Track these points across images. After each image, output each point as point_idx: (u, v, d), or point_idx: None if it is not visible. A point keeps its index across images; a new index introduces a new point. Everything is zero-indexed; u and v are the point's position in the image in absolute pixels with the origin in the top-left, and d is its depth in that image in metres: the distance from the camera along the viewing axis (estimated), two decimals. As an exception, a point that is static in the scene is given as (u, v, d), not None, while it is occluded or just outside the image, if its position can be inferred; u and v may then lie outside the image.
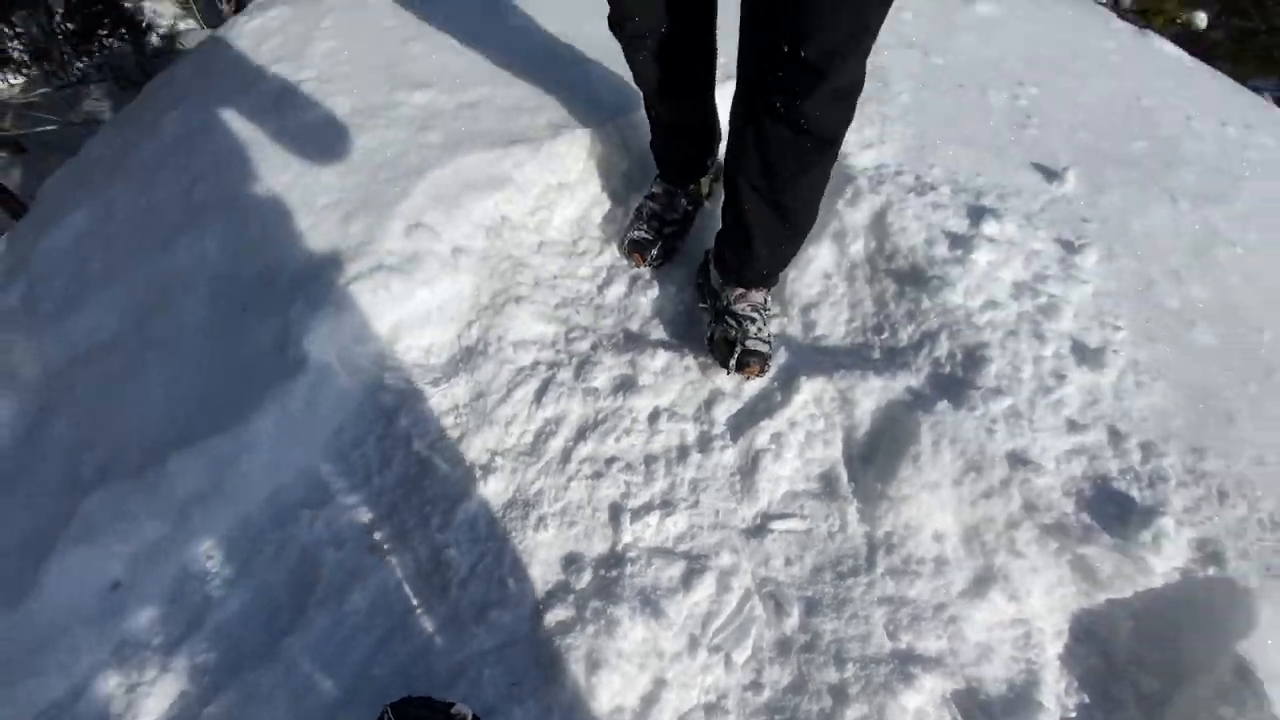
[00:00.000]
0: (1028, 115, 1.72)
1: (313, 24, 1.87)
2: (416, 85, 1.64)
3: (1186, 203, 1.56)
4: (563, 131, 1.57)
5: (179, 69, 1.97)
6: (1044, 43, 2.01)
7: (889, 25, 1.93)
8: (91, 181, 1.63)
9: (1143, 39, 2.27)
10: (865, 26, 0.86)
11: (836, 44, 0.86)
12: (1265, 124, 1.99)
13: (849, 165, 1.52)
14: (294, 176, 1.44)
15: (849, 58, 0.89)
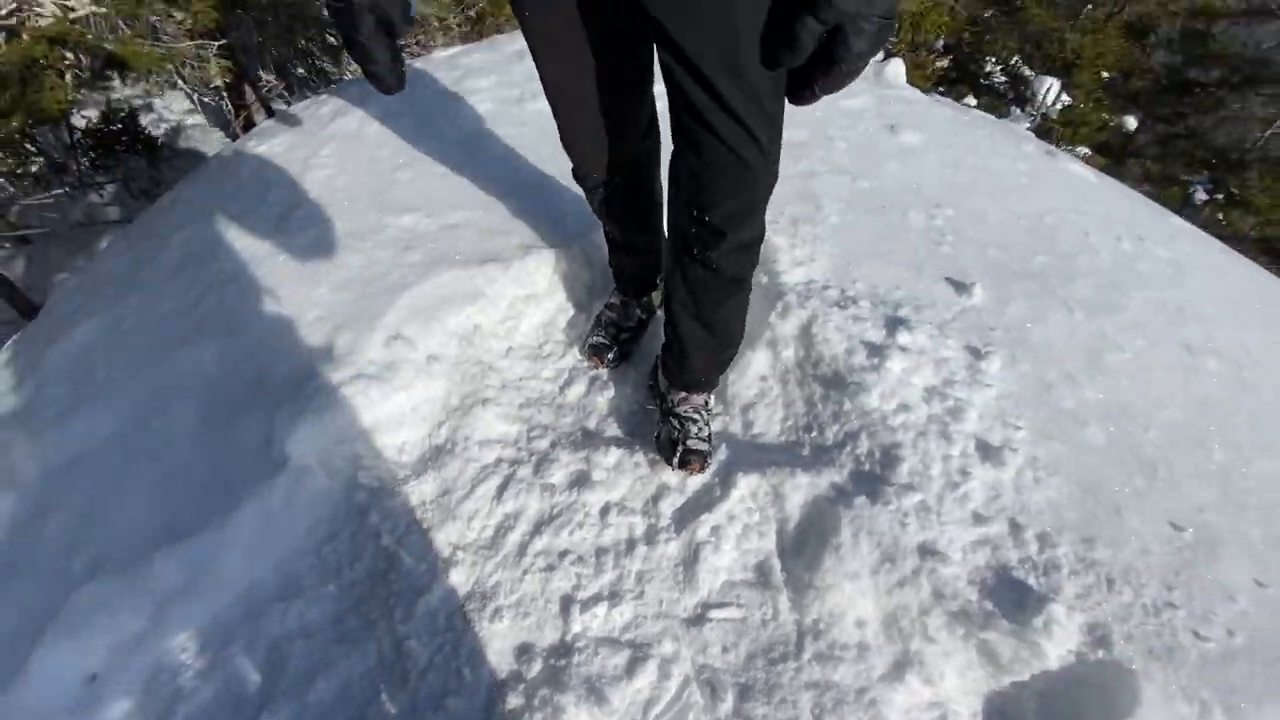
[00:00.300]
0: (943, 234, 1.96)
1: (313, 151, 2.11)
2: (403, 209, 1.85)
3: (1081, 312, 1.77)
4: (532, 251, 1.78)
5: (191, 188, 2.20)
6: (960, 167, 2.29)
7: (824, 154, 2.22)
8: (104, 293, 1.80)
9: (1051, 160, 2.58)
10: (753, 202, 1.07)
11: (731, 212, 1.06)
12: (1158, 236, 2.26)
13: (782, 282, 1.72)
14: (290, 292, 1.62)
15: (744, 221, 1.09)
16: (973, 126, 2.64)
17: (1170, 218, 2.60)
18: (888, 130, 2.43)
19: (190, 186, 2.21)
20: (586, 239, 1.85)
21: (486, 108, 2.35)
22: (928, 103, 2.76)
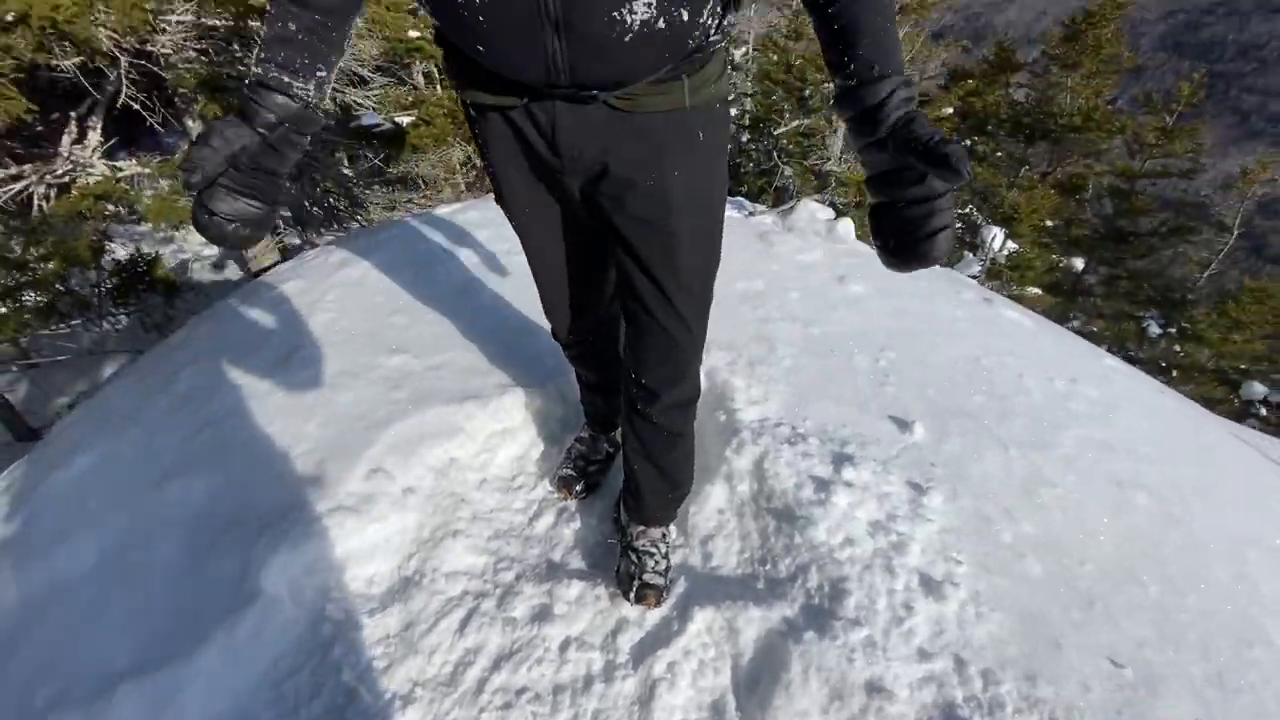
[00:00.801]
0: (886, 375, 2.15)
1: (319, 296, 2.34)
2: (394, 350, 2.04)
3: (1016, 449, 1.91)
4: (510, 389, 1.94)
5: (203, 326, 2.40)
6: (904, 314, 2.54)
7: (779, 303, 2.45)
8: (108, 424, 1.92)
9: (988, 307, 2.86)
10: (681, 369, 1.25)
11: (662, 377, 1.24)
12: (1090, 377, 2.46)
13: (738, 419, 1.87)
14: (282, 426, 1.75)
15: (675, 385, 1.26)
16: (914, 277, 2.94)
17: (1104, 359, 2.83)
18: (837, 281, 2.72)
19: (202, 325, 2.41)
20: (562, 378, 2.02)
21: (478, 259, 2.63)
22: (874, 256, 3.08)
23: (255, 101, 0.83)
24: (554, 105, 0.96)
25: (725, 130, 1.11)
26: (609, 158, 1.02)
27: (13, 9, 2.16)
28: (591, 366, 1.64)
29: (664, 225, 1.09)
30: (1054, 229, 7.25)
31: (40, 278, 2.66)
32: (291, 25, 0.85)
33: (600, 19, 0.80)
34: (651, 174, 1.04)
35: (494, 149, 1.07)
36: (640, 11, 0.81)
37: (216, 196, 0.81)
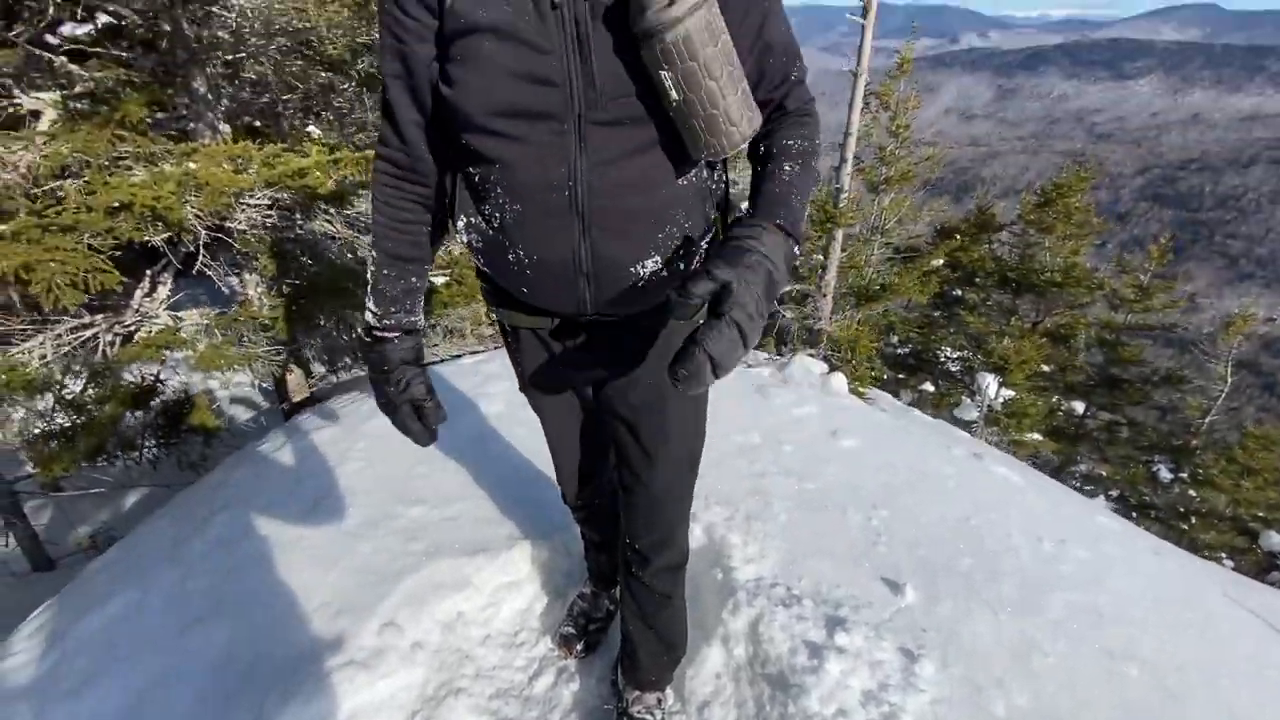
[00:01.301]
0: (878, 533, 2.25)
1: (349, 445, 2.54)
2: (414, 501, 2.19)
3: (1006, 613, 1.96)
4: (518, 542, 2.06)
5: (238, 471, 2.58)
6: (894, 470, 2.68)
7: (774, 457, 2.60)
8: (140, 566, 2.04)
9: (977, 463, 2.99)
10: (670, 537, 1.40)
11: (652, 544, 1.39)
12: (1081, 537, 2.53)
13: (734, 578, 1.96)
14: (303, 578, 1.86)
15: (664, 550, 1.41)
16: (906, 431, 3.12)
17: (1096, 516, 2.91)
18: (830, 435, 2.89)
19: (239, 468, 2.60)
20: (567, 531, 2.14)
21: (498, 409, 2.85)
22: (866, 410, 3.28)
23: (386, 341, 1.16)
24: (577, 326, 1.20)
25: None
26: (619, 364, 1.25)
27: (118, 198, 2.60)
28: (595, 527, 1.78)
29: (660, 412, 1.29)
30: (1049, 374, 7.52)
31: (96, 420, 2.90)
32: (392, 287, 1.14)
33: (621, 272, 1.06)
34: (650, 372, 1.26)
35: (524, 356, 1.30)
36: (650, 266, 1.07)
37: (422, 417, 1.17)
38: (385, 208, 1.11)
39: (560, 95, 0.91)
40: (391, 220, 1.12)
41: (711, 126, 0.92)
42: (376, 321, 1.16)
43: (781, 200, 0.97)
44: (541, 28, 0.88)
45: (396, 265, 1.14)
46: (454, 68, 0.93)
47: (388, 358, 1.16)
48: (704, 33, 0.85)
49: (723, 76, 0.89)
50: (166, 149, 2.98)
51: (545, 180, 0.97)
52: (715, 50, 0.87)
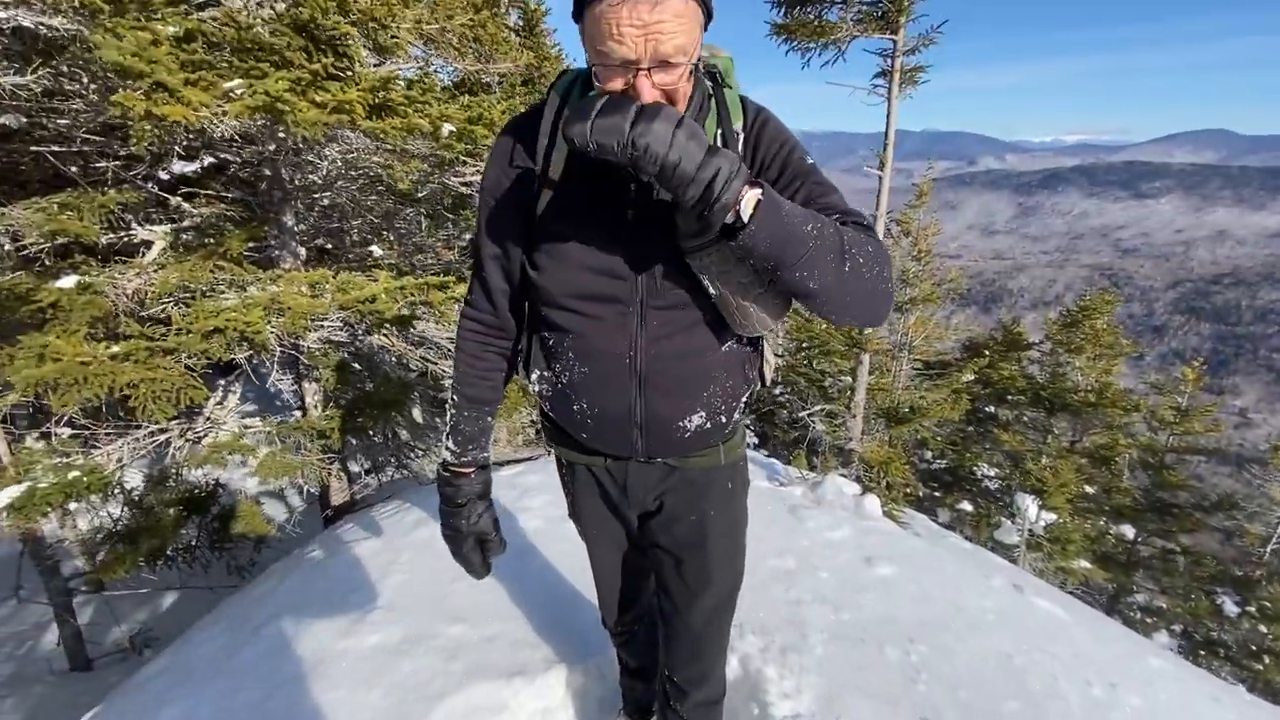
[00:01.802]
0: (917, 671, 2.20)
1: (392, 558, 2.64)
2: (454, 619, 2.25)
3: (1056, 768, 1.88)
4: (555, 665, 2.08)
5: (286, 580, 2.69)
6: (931, 602, 2.64)
7: (809, 583, 2.61)
8: (191, 677, 2.11)
9: (1018, 596, 2.92)
10: (708, 672, 1.45)
11: (690, 678, 1.45)
12: (1133, 682, 2.42)
13: (770, 714, 1.94)
14: (346, 695, 1.91)
15: (702, 685, 1.46)
16: (943, 559, 3.08)
17: (1149, 658, 2.77)
18: (865, 562, 2.88)
19: (286, 578, 2.70)
20: (601, 655, 2.16)
21: (536, 524, 2.94)
22: (900, 535, 3.27)
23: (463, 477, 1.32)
24: (627, 465, 1.34)
25: (745, 476, 1.47)
26: (664, 499, 1.37)
27: (214, 324, 2.92)
28: (634, 653, 1.82)
29: (702, 549, 1.39)
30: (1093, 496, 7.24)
31: (161, 522, 3.07)
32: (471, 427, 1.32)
33: (670, 426, 1.22)
34: (694, 511, 1.38)
35: (579, 489, 1.44)
36: (696, 421, 1.22)
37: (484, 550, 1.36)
38: (470, 359, 1.30)
39: (627, 286, 1.11)
40: (475, 369, 1.31)
41: (744, 315, 1.10)
42: (455, 459, 1.32)
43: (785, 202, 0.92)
44: (614, 235, 1.10)
45: (475, 408, 1.32)
46: (541, 258, 1.15)
47: (462, 491, 1.31)
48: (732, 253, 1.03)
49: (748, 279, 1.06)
50: (256, 276, 3.36)
51: (611, 349, 1.16)
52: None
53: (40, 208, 3.40)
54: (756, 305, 1.08)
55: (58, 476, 2.93)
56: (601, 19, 0.85)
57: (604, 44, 0.86)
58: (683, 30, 0.85)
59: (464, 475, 1.32)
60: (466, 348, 1.31)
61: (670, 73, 0.88)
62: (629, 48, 0.85)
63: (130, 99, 2.20)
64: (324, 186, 4.20)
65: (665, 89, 0.90)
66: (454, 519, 1.32)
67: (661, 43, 0.84)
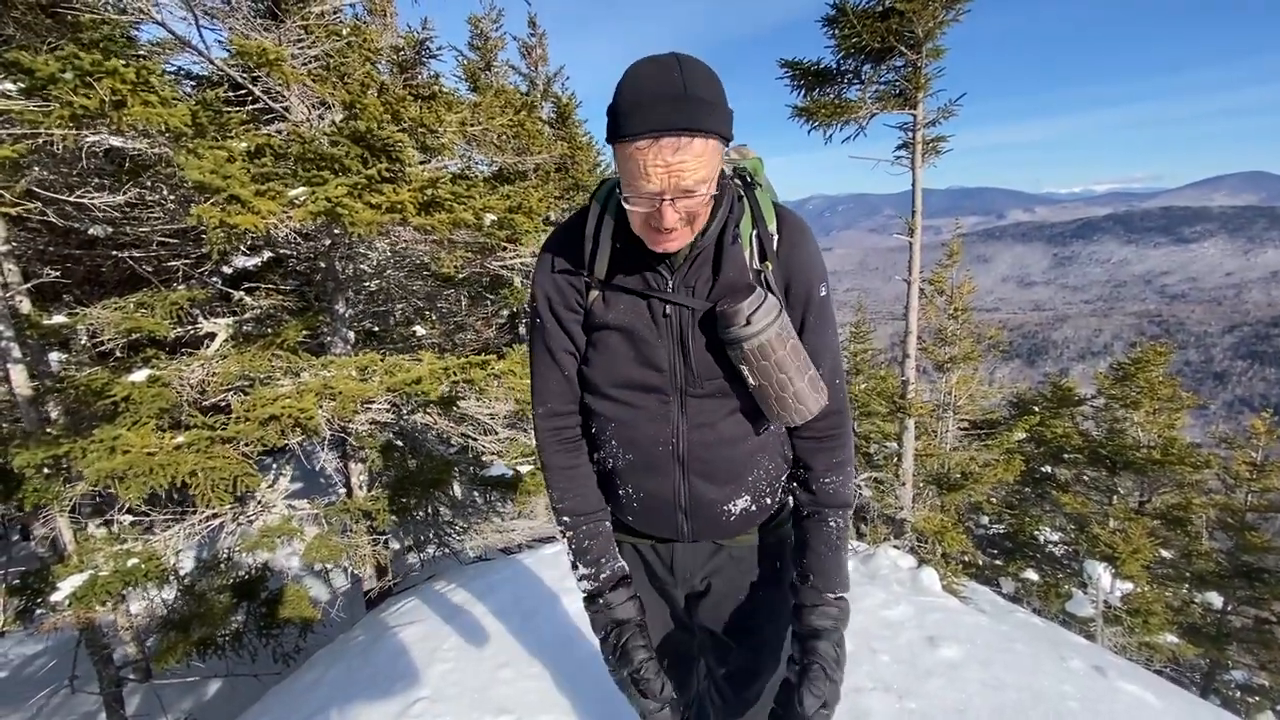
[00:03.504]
0: (997, 770, 2.02)
1: (438, 644, 2.60)
2: (499, 710, 2.18)
3: None
4: (604, 763, 1.99)
5: (331, 668, 2.66)
6: (1004, 687, 2.45)
7: (869, 668, 2.46)
8: (236, 777, 2.08)
9: (1100, 679, 2.69)
10: None
11: None
12: (1245, 782, 2.17)
13: (838, 820, 1.80)
14: (392, 795, 1.85)
15: None
16: (1013, 639, 2.88)
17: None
18: (928, 643, 2.71)
19: (331, 668, 2.68)
20: (654, 752, 2.05)
21: (579, 607, 2.88)
22: (963, 610, 3.08)
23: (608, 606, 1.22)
24: (673, 546, 1.33)
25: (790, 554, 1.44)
26: (712, 580, 1.35)
27: (269, 412, 3.04)
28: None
29: (749, 633, 1.35)
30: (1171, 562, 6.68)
31: (213, 609, 3.12)
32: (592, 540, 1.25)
33: (715, 509, 1.21)
34: (743, 591, 1.34)
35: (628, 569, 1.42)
36: (740, 505, 1.22)
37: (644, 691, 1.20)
38: (563, 472, 1.25)
39: (666, 376, 1.14)
40: (574, 482, 1.26)
41: (783, 405, 1.12)
42: (592, 585, 1.23)
43: (837, 563, 1.20)
44: (654, 329, 1.14)
45: (588, 520, 1.25)
46: (590, 351, 1.20)
47: (611, 618, 1.21)
48: (775, 340, 1.07)
49: (791, 370, 1.10)
50: (310, 362, 3.52)
51: (654, 436, 1.18)
52: (785, 351, 1.09)
53: (118, 307, 3.67)
54: (796, 395, 1.09)
55: (117, 564, 3.02)
56: (630, 159, 0.93)
57: (633, 181, 0.94)
58: (704, 166, 0.93)
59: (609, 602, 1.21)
60: (555, 462, 1.25)
61: (692, 199, 0.95)
62: (655, 184, 0.93)
63: (208, 212, 2.41)
64: (373, 274, 4.44)
65: (687, 211, 0.97)
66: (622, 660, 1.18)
67: (684, 178, 0.92)
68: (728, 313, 1.05)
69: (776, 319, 1.06)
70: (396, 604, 3.27)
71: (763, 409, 1.14)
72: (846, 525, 1.23)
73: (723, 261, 1.11)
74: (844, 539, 1.22)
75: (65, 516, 3.45)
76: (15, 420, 3.95)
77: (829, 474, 1.22)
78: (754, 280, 1.11)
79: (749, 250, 1.12)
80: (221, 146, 2.63)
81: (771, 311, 1.06)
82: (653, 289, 1.13)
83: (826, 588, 1.18)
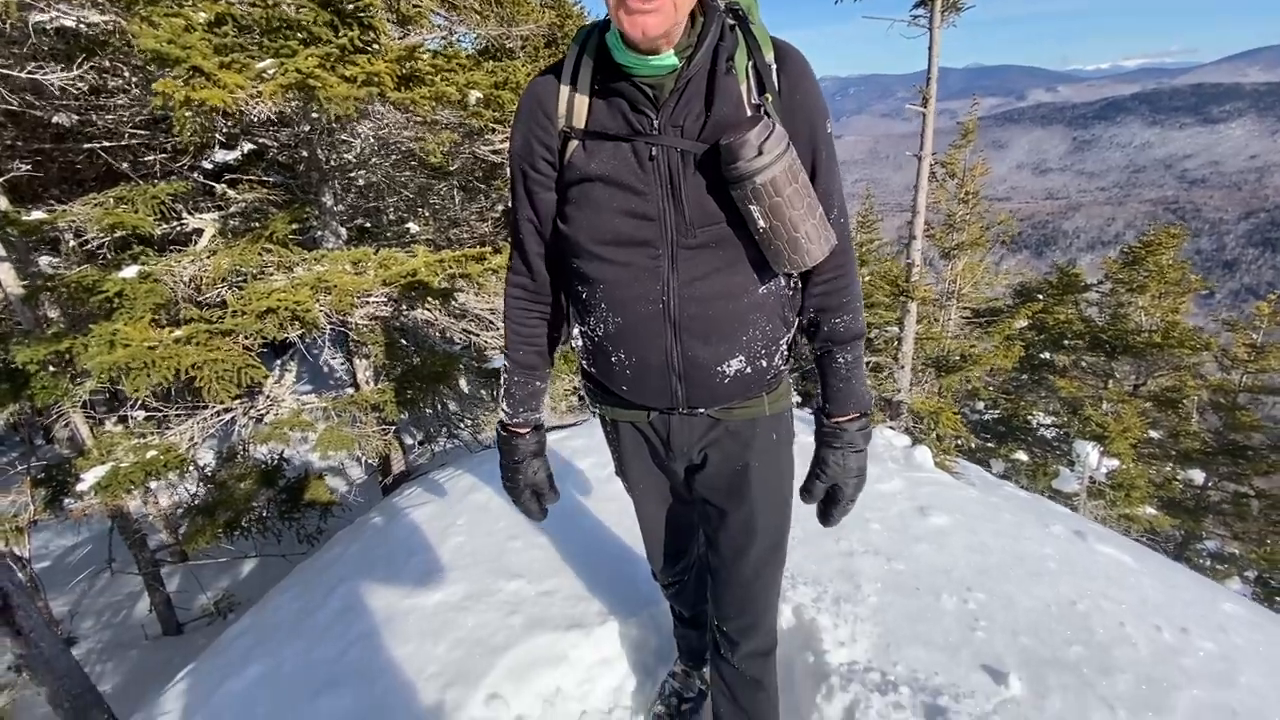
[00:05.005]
0: (976, 619, 2.18)
1: (450, 521, 2.73)
2: (512, 575, 2.33)
3: (1124, 711, 1.84)
4: (609, 618, 2.14)
5: (351, 546, 2.82)
6: (988, 551, 2.59)
7: (861, 534, 2.60)
8: (271, 638, 2.26)
9: (1080, 542, 2.84)
10: (757, 622, 1.46)
11: (740, 628, 1.45)
12: (1205, 627, 2.34)
13: (826, 661, 1.96)
14: (415, 648, 2.01)
15: (752, 636, 1.46)
16: (998, 509, 3.01)
17: (1221, 603, 2.67)
18: (918, 512, 2.84)
19: (352, 544, 2.84)
20: (655, 606, 2.21)
21: (584, 485, 3.00)
22: (954, 484, 3.20)
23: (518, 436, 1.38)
24: (669, 418, 1.34)
25: (791, 429, 1.45)
26: (708, 452, 1.37)
27: (266, 304, 3.02)
28: (685, 602, 1.84)
29: (745, 501, 1.39)
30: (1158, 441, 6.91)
31: (234, 495, 3.27)
32: (521, 391, 1.37)
33: (709, 371, 1.20)
34: (739, 463, 1.37)
35: (624, 446, 1.44)
36: (735, 366, 1.20)
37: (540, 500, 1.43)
38: (516, 326, 1.33)
39: (656, 227, 1.09)
40: (521, 335, 1.34)
41: (794, 247, 1.07)
42: (509, 419, 1.37)
43: (846, 391, 1.25)
44: (641, 175, 1.08)
45: (525, 372, 1.35)
46: (570, 208, 1.14)
47: (518, 449, 1.37)
48: (787, 173, 1.01)
49: (802, 207, 1.04)
50: (302, 257, 3.45)
51: (643, 295, 1.14)
52: (797, 186, 1.03)
53: (98, 203, 3.55)
54: (807, 234, 1.05)
55: (137, 456, 3.13)
56: None
57: None
58: None
59: (519, 435, 1.38)
60: (512, 315, 1.34)
61: None
62: None
63: (169, 86, 2.25)
64: (359, 165, 4.25)
65: None
66: (512, 474, 1.39)
67: None
68: (735, 145, 0.97)
69: (787, 150, 1.00)
70: (409, 488, 3.41)
71: (768, 256, 1.10)
72: (858, 355, 1.26)
73: (715, 95, 1.02)
74: (855, 368, 1.26)
75: (79, 413, 3.53)
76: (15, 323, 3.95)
77: (838, 314, 1.23)
78: (755, 114, 1.03)
79: (745, 84, 1.03)
80: (178, 14, 2.42)
81: (782, 141, 0.99)
82: (637, 131, 1.05)
83: (838, 413, 1.26)
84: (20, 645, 2.38)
